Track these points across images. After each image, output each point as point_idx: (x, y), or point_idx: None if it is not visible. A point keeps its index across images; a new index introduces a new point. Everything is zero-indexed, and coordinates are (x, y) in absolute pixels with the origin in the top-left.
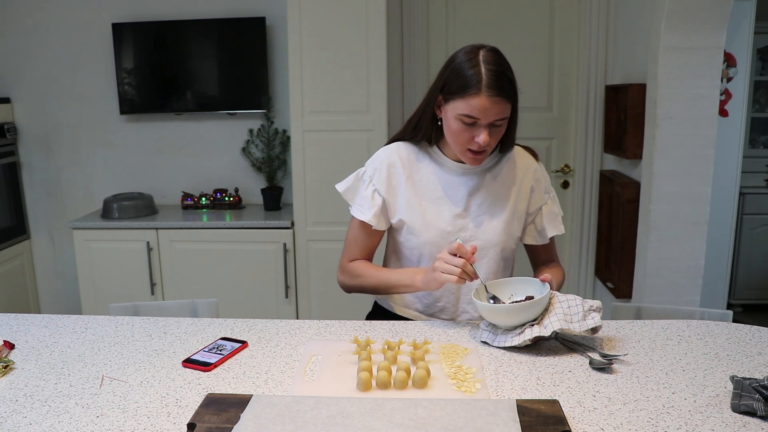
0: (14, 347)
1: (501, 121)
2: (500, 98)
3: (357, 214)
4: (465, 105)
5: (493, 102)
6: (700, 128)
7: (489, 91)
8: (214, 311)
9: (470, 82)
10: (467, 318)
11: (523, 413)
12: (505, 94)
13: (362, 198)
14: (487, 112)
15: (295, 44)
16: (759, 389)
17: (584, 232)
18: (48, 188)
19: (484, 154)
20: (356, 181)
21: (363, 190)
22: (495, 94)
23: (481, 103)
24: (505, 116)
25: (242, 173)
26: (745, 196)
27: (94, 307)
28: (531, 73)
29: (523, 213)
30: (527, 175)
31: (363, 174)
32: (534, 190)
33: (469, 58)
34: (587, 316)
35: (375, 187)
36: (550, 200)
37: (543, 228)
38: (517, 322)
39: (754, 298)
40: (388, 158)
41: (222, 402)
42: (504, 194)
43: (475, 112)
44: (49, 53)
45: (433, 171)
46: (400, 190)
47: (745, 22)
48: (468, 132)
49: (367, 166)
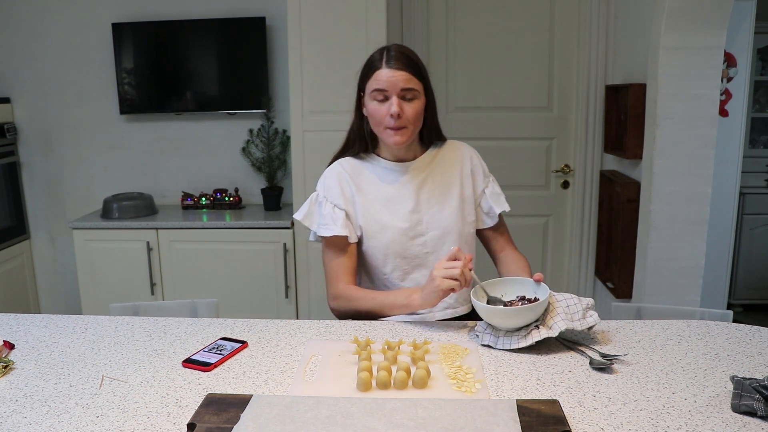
0: (14, 347)
1: (410, 92)
2: (401, 69)
3: (325, 232)
4: (373, 82)
5: (395, 70)
6: (700, 128)
7: (389, 64)
8: (214, 311)
9: (374, 61)
10: (443, 306)
11: (523, 413)
12: (405, 67)
13: (324, 216)
14: (392, 83)
15: (295, 44)
16: (759, 389)
17: (584, 232)
18: (48, 188)
19: (403, 131)
20: (312, 206)
21: (322, 210)
22: (395, 66)
23: (385, 74)
24: (412, 87)
25: (242, 173)
26: (745, 196)
27: (94, 307)
28: (531, 73)
29: (471, 197)
30: (464, 161)
31: (316, 197)
32: (474, 174)
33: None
34: (586, 314)
35: (333, 203)
36: (491, 182)
37: (490, 208)
38: (519, 324)
39: (754, 298)
40: (336, 174)
41: (222, 402)
42: (449, 182)
43: (381, 84)
44: (49, 53)
45: (377, 176)
46: (355, 200)
47: (745, 22)
48: (383, 108)
49: (318, 190)
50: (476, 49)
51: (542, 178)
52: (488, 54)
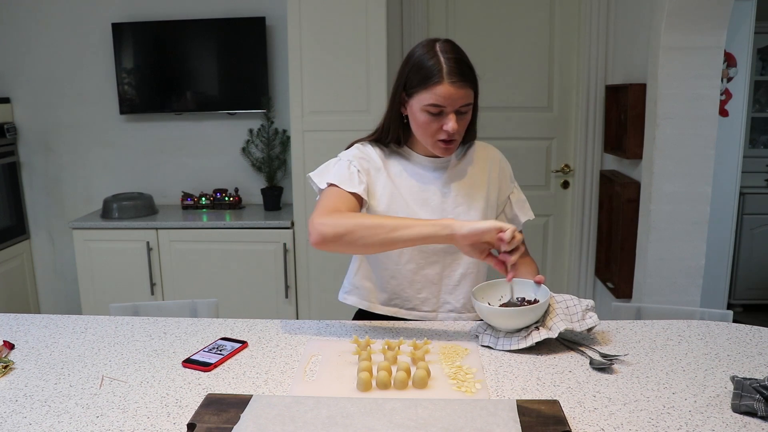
0: (14, 347)
1: (466, 107)
2: (462, 84)
3: (346, 186)
4: (430, 95)
5: (457, 88)
6: (700, 128)
7: (451, 78)
8: (214, 311)
9: (432, 72)
10: (448, 309)
11: (523, 413)
12: (466, 80)
13: (344, 175)
14: (452, 99)
15: (295, 44)
16: (759, 389)
17: (584, 232)
18: (48, 188)
19: (453, 143)
20: (331, 165)
21: (345, 170)
22: (457, 80)
23: (445, 90)
24: (470, 102)
25: (242, 173)
26: (745, 196)
27: (94, 307)
28: (531, 73)
29: (494, 202)
30: (493, 164)
31: (339, 159)
32: (501, 179)
33: (426, 51)
34: (585, 315)
35: (357, 168)
36: (516, 189)
37: (515, 215)
38: (519, 325)
39: (754, 298)
40: (362, 151)
41: (222, 402)
42: (476, 185)
43: (440, 101)
44: (48, 53)
45: (404, 168)
46: (380, 179)
47: (745, 22)
48: (436, 122)
49: (342, 155)
50: (476, 49)
51: (542, 178)
52: (488, 54)
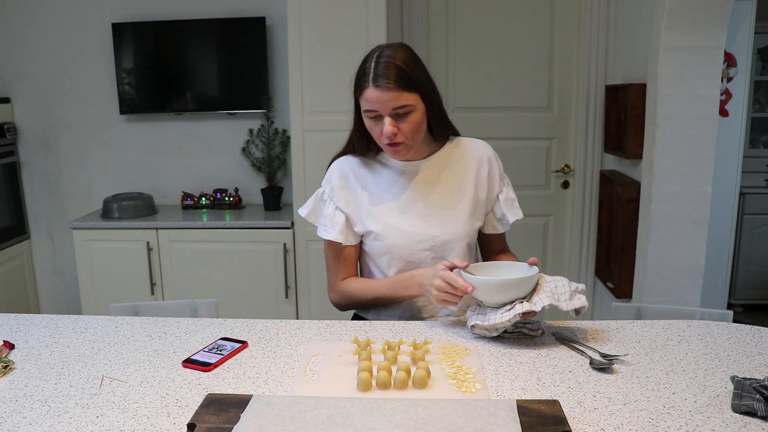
0: (14, 347)
1: (402, 109)
2: (389, 89)
3: (323, 235)
4: (363, 100)
5: (382, 91)
6: (700, 128)
7: (376, 81)
8: (214, 311)
9: (361, 77)
10: (446, 313)
11: (523, 413)
12: (395, 85)
13: (325, 218)
14: (381, 102)
15: (295, 44)
16: (759, 389)
17: (584, 232)
18: (48, 188)
19: (402, 145)
20: (317, 203)
21: (325, 210)
22: (383, 85)
23: (371, 94)
24: (406, 104)
25: (242, 173)
26: (745, 196)
27: (94, 307)
28: (531, 73)
29: (483, 202)
30: (482, 163)
31: (322, 194)
32: (490, 177)
33: (366, 57)
34: (573, 296)
35: (335, 205)
36: (506, 187)
37: (503, 215)
38: (506, 299)
39: (754, 298)
40: (340, 172)
41: (222, 402)
42: (463, 184)
43: (371, 105)
44: (48, 53)
45: (384, 176)
46: (358, 201)
47: (745, 22)
48: (378, 126)
49: (324, 186)
50: (476, 49)
51: (542, 178)
52: (488, 54)
